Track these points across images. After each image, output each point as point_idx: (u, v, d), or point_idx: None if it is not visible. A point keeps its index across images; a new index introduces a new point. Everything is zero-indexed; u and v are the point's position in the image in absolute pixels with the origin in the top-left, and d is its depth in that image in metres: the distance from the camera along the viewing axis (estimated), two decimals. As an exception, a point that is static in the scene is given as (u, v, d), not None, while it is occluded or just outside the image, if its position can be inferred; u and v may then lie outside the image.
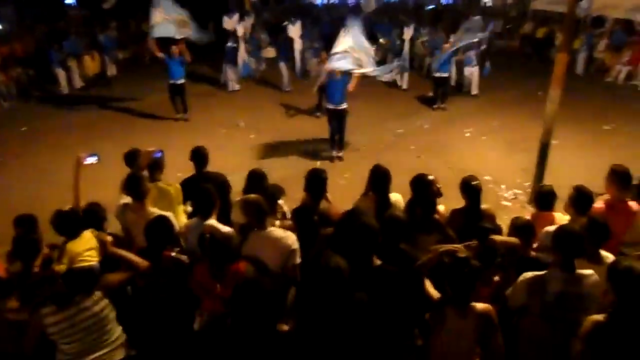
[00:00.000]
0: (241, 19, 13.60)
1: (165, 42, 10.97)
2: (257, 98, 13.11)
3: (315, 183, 4.23)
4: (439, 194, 4.13)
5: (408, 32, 12.88)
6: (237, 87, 13.76)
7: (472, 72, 13.02)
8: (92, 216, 3.96)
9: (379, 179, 4.27)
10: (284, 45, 14.30)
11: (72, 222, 3.77)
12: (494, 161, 8.85)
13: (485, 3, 29.20)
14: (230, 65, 13.55)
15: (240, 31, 13.15)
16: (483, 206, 4.15)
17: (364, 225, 3.17)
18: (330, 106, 8.76)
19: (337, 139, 8.93)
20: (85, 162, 4.23)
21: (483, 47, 13.20)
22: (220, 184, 4.66)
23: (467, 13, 24.01)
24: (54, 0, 25.20)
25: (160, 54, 10.76)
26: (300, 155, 9.20)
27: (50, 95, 13.77)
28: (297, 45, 14.38)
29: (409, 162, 8.61)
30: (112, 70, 15.32)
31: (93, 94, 13.92)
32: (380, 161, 4.52)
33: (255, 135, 10.26)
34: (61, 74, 13.85)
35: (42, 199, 6.55)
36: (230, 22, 13.24)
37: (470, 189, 4.11)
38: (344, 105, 8.70)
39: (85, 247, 3.65)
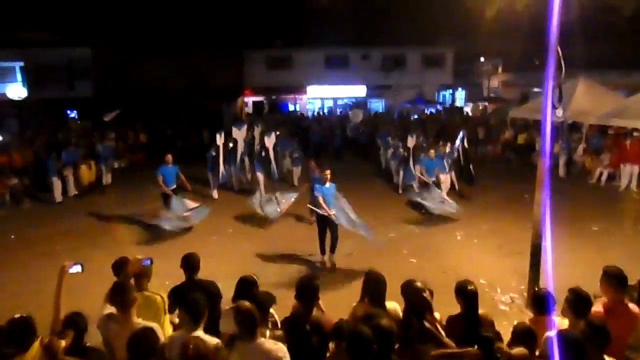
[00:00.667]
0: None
1: (161, 152, 11.29)
2: (245, 205, 13.20)
3: (307, 291, 4.08)
4: (429, 301, 3.99)
5: (412, 141, 13.44)
6: (215, 195, 14.07)
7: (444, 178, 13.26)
8: (73, 325, 3.76)
9: (374, 285, 4.16)
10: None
11: (23, 332, 3.50)
12: (487, 264, 8.76)
13: (466, 113, 30.79)
14: (211, 174, 14.06)
15: (220, 141, 13.59)
16: (481, 312, 4.01)
17: (355, 334, 3.02)
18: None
19: (330, 245, 8.79)
20: (70, 271, 4.12)
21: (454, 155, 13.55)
22: (211, 292, 4.51)
23: (449, 122, 25.30)
24: (57, 112, 26.28)
25: (163, 187, 11.11)
26: (292, 261, 9.05)
27: (43, 203, 13.79)
28: (271, 154, 14.69)
29: (403, 266, 8.52)
30: (107, 179, 15.53)
31: (86, 202, 13.96)
32: (373, 266, 4.44)
33: (246, 242, 10.17)
34: (57, 183, 13.98)
35: (26, 308, 6.22)
36: (238, 133, 13.89)
37: (467, 293, 3.99)
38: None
39: None
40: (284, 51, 33.48)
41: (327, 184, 8.62)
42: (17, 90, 28.35)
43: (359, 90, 34.81)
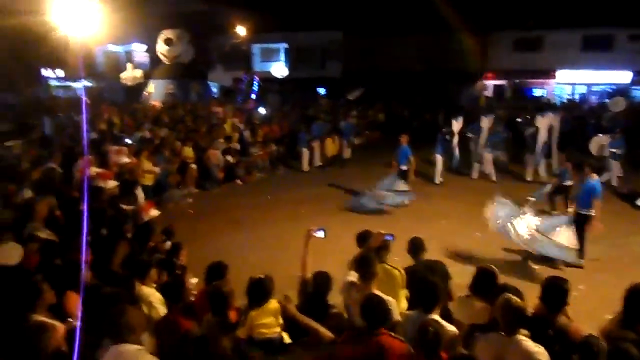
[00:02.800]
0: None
1: (397, 132, 11.62)
2: (482, 192, 12.66)
3: (555, 293, 3.64)
4: None
5: None
6: (438, 180, 13.75)
7: None
8: (322, 284, 4.11)
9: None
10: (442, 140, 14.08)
11: (261, 291, 3.95)
12: None
13: None
14: (440, 157, 13.74)
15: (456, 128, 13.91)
16: None
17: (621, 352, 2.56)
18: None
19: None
20: (315, 235, 4.52)
21: None
22: (441, 274, 4.45)
23: None
24: (309, 89, 29.15)
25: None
26: (528, 257, 8.32)
27: (293, 170, 15.51)
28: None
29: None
30: (347, 153, 16.63)
31: (328, 173, 15.22)
32: (624, 276, 3.76)
33: (478, 231, 9.72)
34: (305, 153, 15.54)
35: (275, 262, 7.12)
36: (456, 124, 14.11)
37: None
38: (588, 211, 7.73)
39: (266, 316, 3.83)
40: (535, 32, 30.56)
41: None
42: (280, 69, 32.23)
43: (622, 77, 29.85)
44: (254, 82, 25.42)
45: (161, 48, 25.69)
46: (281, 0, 29.33)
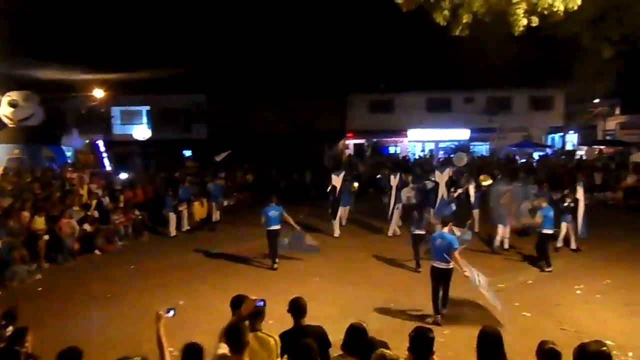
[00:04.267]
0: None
1: (266, 192, 11.73)
2: (350, 247, 13.12)
3: (422, 343, 3.78)
4: None
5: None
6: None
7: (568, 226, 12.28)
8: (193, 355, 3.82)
9: (490, 346, 3.77)
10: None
11: None
12: (614, 324, 7.79)
13: (580, 156, 28.67)
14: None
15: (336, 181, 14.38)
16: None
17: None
18: (435, 264, 8.20)
19: (441, 297, 8.17)
20: (166, 316, 4.30)
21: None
22: (321, 339, 4.38)
23: (561, 166, 23.66)
24: (174, 152, 28.47)
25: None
26: (397, 307, 8.67)
27: (159, 236, 14.72)
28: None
29: (516, 321, 7.78)
30: (216, 216, 16.26)
31: (197, 237, 14.69)
32: (482, 319, 4.06)
33: (344, 285, 9.98)
34: (172, 218, 14.89)
35: (140, 339, 6.53)
36: (336, 179, 14.65)
37: (599, 358, 3.43)
38: (449, 265, 8.07)
39: None
40: (387, 95, 33.62)
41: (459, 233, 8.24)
42: (142, 132, 31.17)
43: (462, 134, 33.83)
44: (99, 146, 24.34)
45: (5, 110, 23.40)
46: (142, 63, 28.83)
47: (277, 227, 11.36)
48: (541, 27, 7.08)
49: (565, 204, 12.30)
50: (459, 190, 14.27)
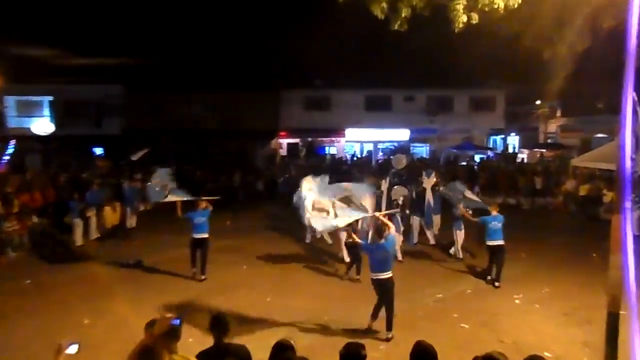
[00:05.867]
0: None
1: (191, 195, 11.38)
2: (284, 256, 13.08)
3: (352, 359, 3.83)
4: None
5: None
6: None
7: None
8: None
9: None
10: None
11: None
12: (552, 334, 8.22)
13: (522, 159, 30.22)
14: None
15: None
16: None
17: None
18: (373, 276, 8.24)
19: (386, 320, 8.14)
20: (66, 352, 4.07)
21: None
22: (242, 358, 4.32)
23: (503, 169, 24.82)
24: (82, 149, 27.24)
25: (180, 214, 11.11)
26: (331, 321, 8.69)
27: (63, 246, 13.96)
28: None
29: (454, 333, 8.10)
30: (131, 222, 15.67)
31: (108, 246, 14.09)
32: (418, 331, 4.17)
33: (275, 297, 9.93)
34: (78, 224, 14.19)
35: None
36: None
37: None
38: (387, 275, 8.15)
39: None
40: (323, 91, 33.96)
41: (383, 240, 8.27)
42: (43, 126, 29.58)
43: (402, 134, 34.77)
44: (9, 145, 22.77)
45: None
46: (45, 46, 27.40)
47: (204, 235, 11.03)
48: (482, 24, 7.35)
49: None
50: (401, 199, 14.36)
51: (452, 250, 12.96)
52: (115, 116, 30.57)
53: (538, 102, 35.25)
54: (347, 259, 11.62)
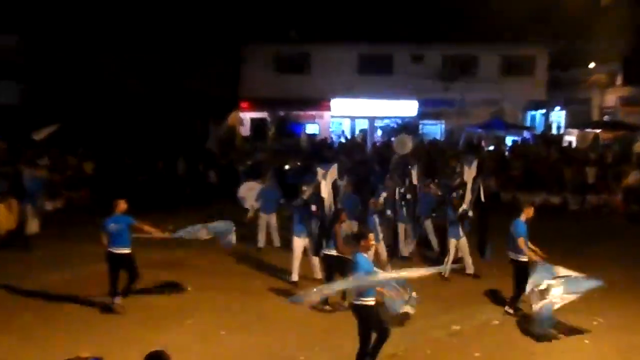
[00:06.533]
0: None
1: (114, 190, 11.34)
2: (245, 274, 13.10)
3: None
4: None
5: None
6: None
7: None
8: None
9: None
10: None
11: None
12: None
13: (569, 143, 30.54)
14: None
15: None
16: None
17: None
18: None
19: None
20: None
21: None
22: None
23: (545, 158, 25.08)
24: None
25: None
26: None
27: None
28: None
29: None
30: (32, 227, 15.52)
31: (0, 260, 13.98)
32: None
33: (232, 330, 9.97)
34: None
35: None
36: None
37: None
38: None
39: None
40: (300, 47, 33.58)
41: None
42: None
43: (408, 107, 34.76)
44: None
45: None
46: None
47: (125, 250, 10.69)
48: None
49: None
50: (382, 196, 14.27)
51: (444, 268, 12.68)
52: (11, 78, 30.16)
53: (592, 65, 35.40)
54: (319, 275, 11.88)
